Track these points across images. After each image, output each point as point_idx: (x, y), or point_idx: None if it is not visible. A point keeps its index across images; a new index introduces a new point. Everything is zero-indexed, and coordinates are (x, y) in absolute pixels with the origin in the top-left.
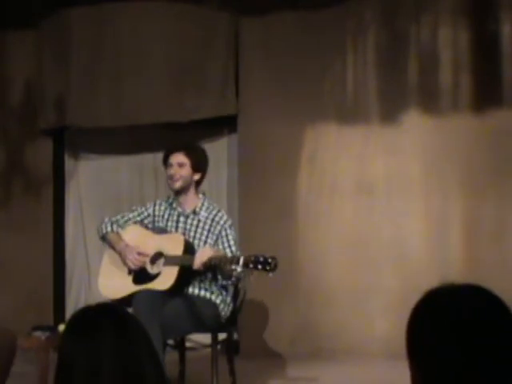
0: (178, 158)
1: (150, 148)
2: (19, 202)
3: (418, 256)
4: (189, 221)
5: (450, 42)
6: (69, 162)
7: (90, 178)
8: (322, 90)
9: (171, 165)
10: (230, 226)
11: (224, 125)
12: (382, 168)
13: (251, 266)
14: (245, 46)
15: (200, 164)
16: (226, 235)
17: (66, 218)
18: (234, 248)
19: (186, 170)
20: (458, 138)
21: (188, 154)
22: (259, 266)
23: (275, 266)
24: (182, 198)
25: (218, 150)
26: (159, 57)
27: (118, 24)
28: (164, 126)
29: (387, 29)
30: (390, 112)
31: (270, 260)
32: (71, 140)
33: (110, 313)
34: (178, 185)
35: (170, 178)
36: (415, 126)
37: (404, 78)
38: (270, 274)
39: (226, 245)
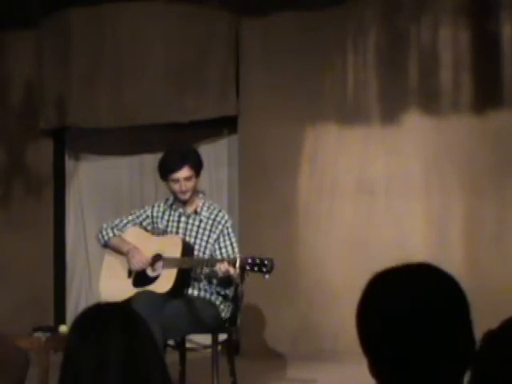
0: (185, 172)
1: (150, 148)
2: (19, 202)
3: (419, 256)
4: (190, 221)
5: (450, 42)
6: (69, 162)
7: (91, 178)
8: (323, 90)
9: (178, 180)
10: (232, 226)
11: (224, 125)
12: (383, 168)
13: (247, 268)
14: (245, 46)
15: (201, 169)
16: (228, 234)
17: (66, 217)
18: (235, 245)
19: (193, 181)
20: (458, 138)
21: (192, 166)
22: (255, 268)
23: (271, 267)
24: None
25: (218, 150)
26: (159, 57)
27: (118, 24)
28: (164, 126)
29: (387, 29)
30: (391, 112)
31: (266, 262)
32: (72, 140)
33: (121, 313)
34: (188, 196)
35: (180, 192)
36: (415, 126)
37: (404, 78)
38: (267, 276)
39: (227, 243)
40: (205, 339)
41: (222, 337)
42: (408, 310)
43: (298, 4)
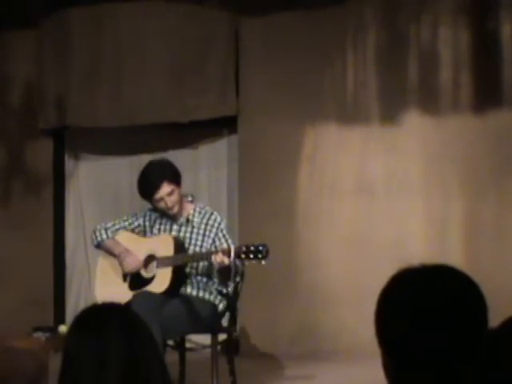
0: (165, 189)
1: (150, 148)
2: (19, 201)
3: (418, 256)
4: (183, 228)
5: (450, 42)
6: (69, 162)
7: (90, 178)
8: (322, 89)
9: (161, 198)
10: (226, 226)
11: (224, 125)
12: (382, 167)
13: (243, 256)
14: (245, 46)
15: (180, 178)
16: (224, 236)
17: (66, 217)
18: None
19: (177, 193)
20: (457, 138)
21: (170, 180)
22: (251, 255)
23: (267, 252)
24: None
25: (218, 150)
26: (159, 57)
27: (118, 24)
28: (164, 126)
29: (387, 28)
30: (390, 111)
31: (261, 248)
32: (71, 140)
33: (120, 313)
34: (176, 209)
35: (167, 209)
36: (415, 125)
37: (404, 77)
38: (263, 262)
39: (224, 245)
40: (204, 339)
41: (222, 337)
42: (439, 309)
43: (298, 3)
